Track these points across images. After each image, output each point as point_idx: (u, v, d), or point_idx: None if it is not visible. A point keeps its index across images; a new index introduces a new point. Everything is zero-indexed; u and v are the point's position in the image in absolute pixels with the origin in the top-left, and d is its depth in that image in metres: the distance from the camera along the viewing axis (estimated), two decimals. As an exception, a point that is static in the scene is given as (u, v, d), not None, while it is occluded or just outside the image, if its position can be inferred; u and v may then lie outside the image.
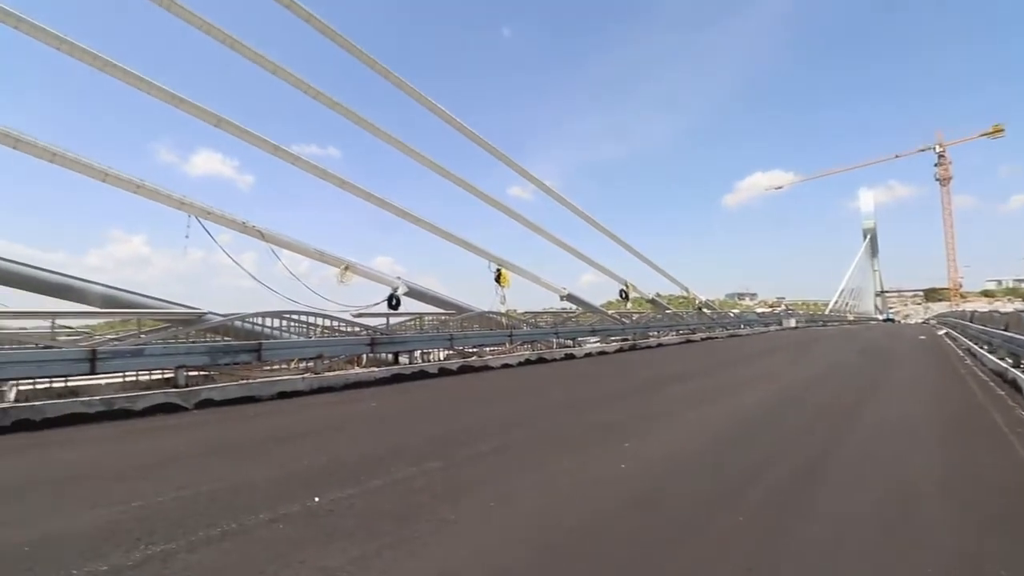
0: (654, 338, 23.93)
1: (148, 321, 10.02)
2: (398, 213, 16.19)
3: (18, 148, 9.75)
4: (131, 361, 8.37)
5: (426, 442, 5.94)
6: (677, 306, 38.58)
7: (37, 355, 7.51)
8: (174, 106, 11.86)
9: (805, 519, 3.57)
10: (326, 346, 11.00)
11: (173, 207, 11.24)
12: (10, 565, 2.93)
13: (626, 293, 25.60)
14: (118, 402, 7.61)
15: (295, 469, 4.85)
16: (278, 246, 12.94)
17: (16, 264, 9.20)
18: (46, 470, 5.24)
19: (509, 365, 14.35)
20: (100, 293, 9.69)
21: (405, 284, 14.91)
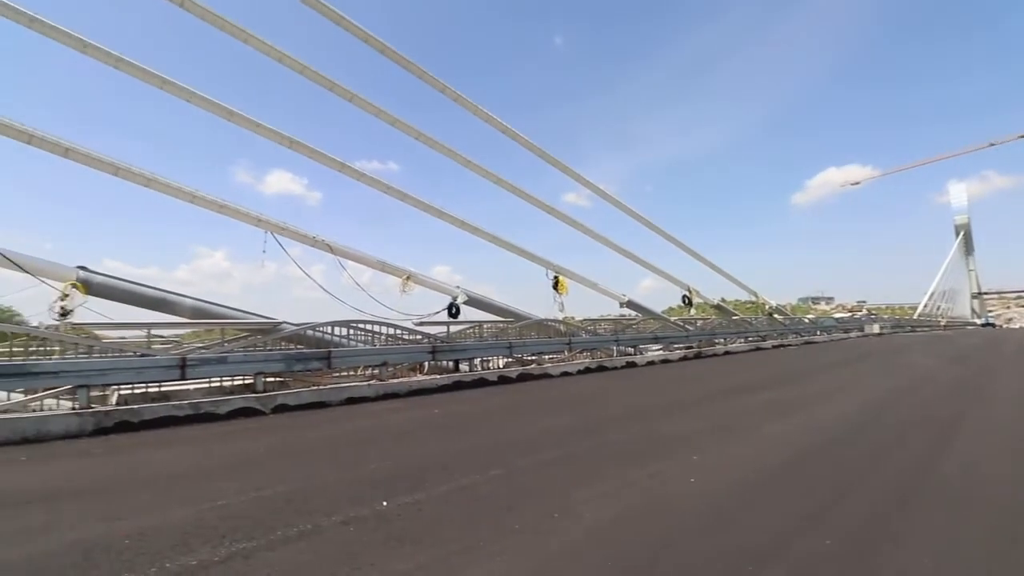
0: (720, 345, 22.90)
1: (230, 331, 10.77)
2: (456, 223, 16.52)
3: (118, 175, 10.84)
4: (216, 368, 9.01)
5: (488, 449, 5.96)
6: (745, 312, 36.79)
7: (135, 363, 8.25)
8: (251, 130, 12.78)
9: (900, 546, 3.25)
10: (390, 354, 11.34)
11: (251, 224, 12.07)
12: (113, 556, 3.19)
13: (689, 299, 24.70)
14: (204, 406, 8.21)
15: (365, 473, 5.00)
16: (344, 258, 13.54)
17: (118, 280, 10.19)
18: (144, 468, 5.70)
19: (568, 373, 14.19)
20: (189, 305, 10.54)
21: (464, 293, 15.15)
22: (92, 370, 7.77)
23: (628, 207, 22.79)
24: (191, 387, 9.26)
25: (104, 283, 9.80)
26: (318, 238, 12.90)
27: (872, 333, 43.43)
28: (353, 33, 13.85)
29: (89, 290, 9.45)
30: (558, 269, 18.37)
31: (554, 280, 18.09)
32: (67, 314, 8.98)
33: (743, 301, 47.91)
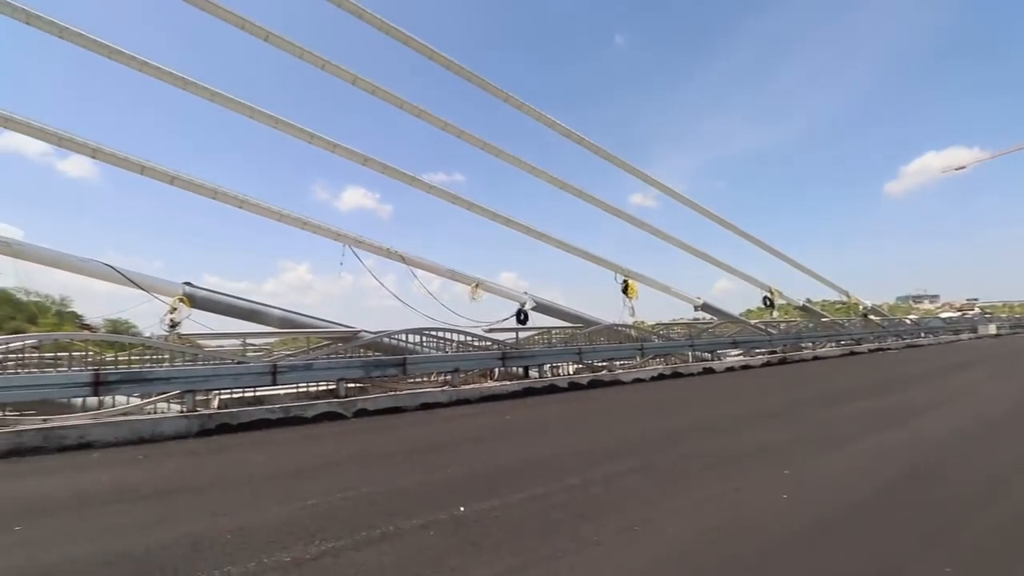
0: (808, 350, 21.32)
1: (314, 339, 11.45)
2: (522, 230, 16.63)
3: (216, 198, 11.90)
4: (303, 374, 9.61)
5: (561, 457, 5.88)
6: (834, 313, 34.10)
7: (233, 369, 8.97)
8: (329, 151, 13.61)
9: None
10: (461, 360, 11.56)
11: (331, 238, 12.82)
12: (218, 550, 3.45)
13: (770, 300, 23.22)
14: (293, 410, 8.76)
15: (441, 478, 5.10)
16: (417, 267, 14.02)
17: (217, 294, 11.17)
18: (242, 468, 6.16)
19: (641, 380, 13.78)
20: (278, 316, 11.36)
21: (532, 299, 15.18)
22: (197, 376, 8.55)
23: (699, 205, 21.93)
24: (281, 392, 9.92)
25: (206, 297, 10.79)
26: (392, 250, 13.46)
27: (987, 334, 38.66)
28: (421, 52, 14.39)
29: (194, 303, 10.44)
30: (627, 272, 17.95)
31: (623, 284, 17.69)
32: (176, 326, 9.97)
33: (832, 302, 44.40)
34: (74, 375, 7.76)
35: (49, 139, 10.84)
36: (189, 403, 8.31)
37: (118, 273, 10.12)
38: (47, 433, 7.04)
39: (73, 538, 3.78)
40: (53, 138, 10.65)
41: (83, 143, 10.84)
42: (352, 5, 13.09)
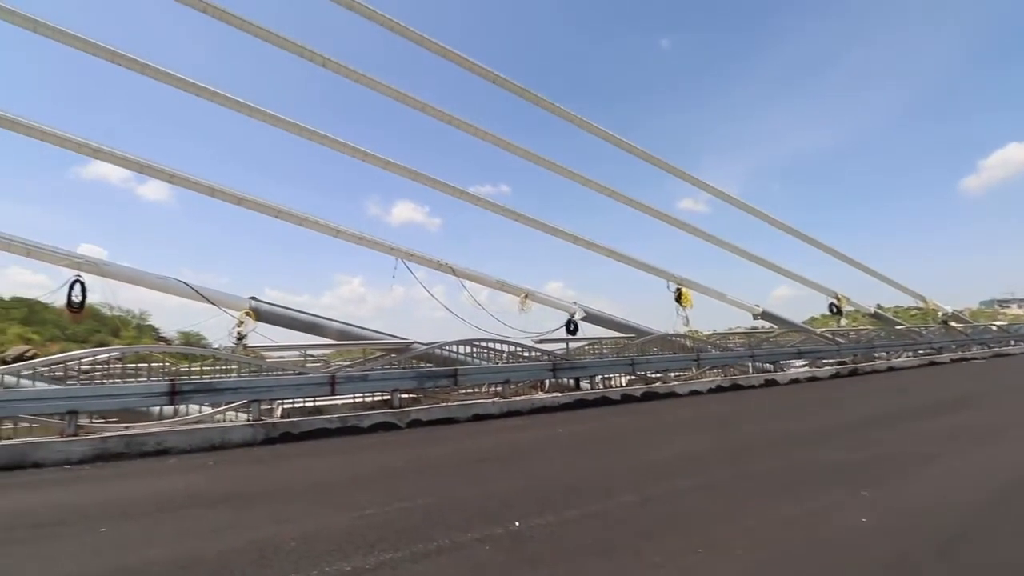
0: (882, 360, 19.89)
1: (369, 350, 11.79)
2: (569, 239, 16.51)
3: (279, 217, 12.54)
4: (359, 385, 9.89)
5: (617, 473, 5.72)
6: (909, 320, 31.73)
7: (295, 380, 9.35)
8: (381, 168, 14.08)
9: None
10: (512, 371, 11.55)
11: (384, 252, 13.21)
12: (283, 557, 3.55)
13: (837, 307, 21.87)
14: (351, 420, 9.02)
15: (495, 491, 5.06)
16: (466, 279, 14.19)
17: (280, 307, 11.73)
18: (304, 476, 6.36)
19: (698, 392, 13.27)
20: (336, 328, 11.78)
21: (582, 309, 15.00)
22: (262, 387, 8.96)
23: (754, 208, 21.05)
24: (339, 402, 10.24)
25: (270, 311, 11.35)
26: (442, 262, 13.70)
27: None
28: (465, 67, 14.68)
29: (259, 317, 11.01)
30: (680, 281, 17.43)
31: (676, 292, 17.18)
32: (243, 338, 10.53)
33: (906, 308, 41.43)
34: (153, 385, 8.32)
35: (132, 167, 11.80)
36: (255, 412, 8.71)
37: (192, 289, 10.83)
38: (129, 440, 7.56)
39: (152, 541, 4.00)
40: (135, 165, 11.58)
41: (161, 169, 11.72)
42: (399, 25, 13.55)
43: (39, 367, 8.51)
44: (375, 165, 13.72)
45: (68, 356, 8.77)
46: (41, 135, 10.71)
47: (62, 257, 10.28)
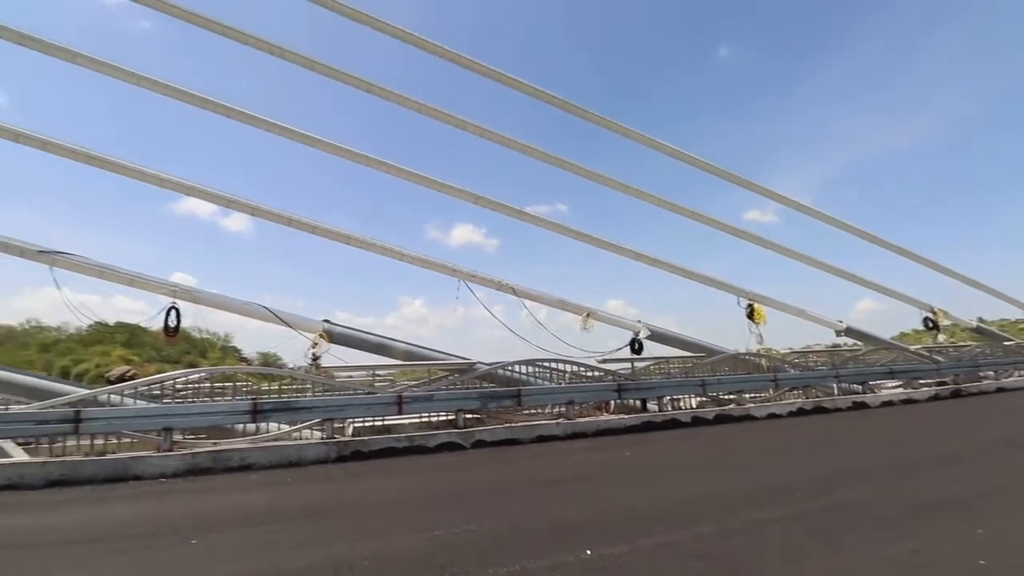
0: (990, 380, 17.80)
1: (434, 370, 12.01)
2: (631, 256, 16.16)
3: (349, 243, 13.19)
4: (425, 404, 10.07)
5: (692, 500, 5.40)
6: (1018, 335, 28.36)
7: (365, 399, 9.66)
8: (437, 191, 14.54)
9: None
10: (576, 392, 11.34)
11: (447, 274, 13.52)
12: (357, 575, 3.60)
13: (934, 322, 19.89)
14: (417, 439, 9.16)
15: (563, 516, 4.92)
16: (527, 299, 14.19)
17: (351, 329, 12.24)
18: (375, 494, 6.51)
19: (777, 415, 12.42)
20: (402, 349, 12.13)
21: (646, 327, 14.55)
22: (335, 406, 9.33)
23: (830, 217, 19.72)
24: (405, 421, 10.45)
25: (342, 332, 11.88)
26: (503, 282, 13.82)
27: None
28: (523, 91, 14.97)
29: (332, 338, 11.54)
30: (752, 296, 16.55)
31: (748, 309, 16.30)
32: (317, 359, 11.07)
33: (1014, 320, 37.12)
34: (237, 404, 8.88)
35: (219, 201, 12.89)
36: (328, 431, 9.05)
37: (271, 313, 11.55)
38: (216, 455, 8.07)
39: (237, 554, 4.20)
40: (222, 200, 12.64)
41: (245, 203, 12.71)
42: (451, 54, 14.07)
43: (140, 387, 9.34)
44: (435, 189, 14.17)
45: (164, 376, 9.56)
46: (141, 176, 11.96)
47: (160, 286, 11.31)
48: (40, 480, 7.17)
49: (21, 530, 5.26)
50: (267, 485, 7.14)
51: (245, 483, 7.31)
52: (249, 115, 12.80)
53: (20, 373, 11.11)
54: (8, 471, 7.24)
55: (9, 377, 10.22)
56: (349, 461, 8.52)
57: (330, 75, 13.26)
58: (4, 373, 10.41)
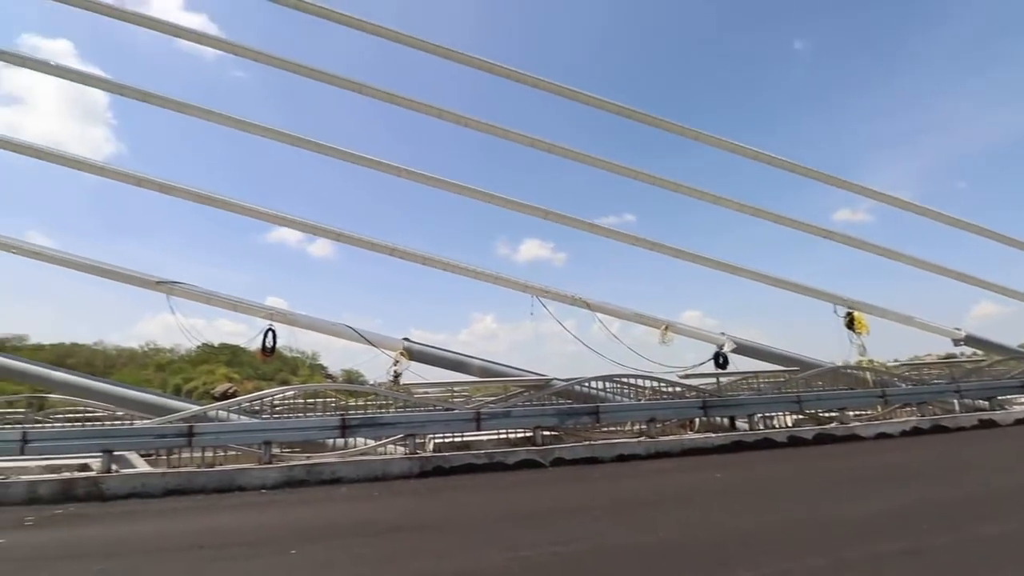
0: None
1: (510, 387, 12.04)
2: (710, 264, 15.40)
3: (426, 264, 13.66)
4: (502, 421, 10.09)
5: (799, 528, 4.94)
6: None
7: (445, 416, 9.86)
8: (509, 209, 14.73)
9: None
10: (657, 409, 10.88)
11: (519, 290, 13.59)
12: (446, 593, 3.60)
13: (1077, 328, 17.16)
14: (496, 456, 9.17)
15: (651, 540, 4.67)
16: (602, 313, 13.92)
17: (429, 347, 12.59)
18: (457, 510, 6.55)
19: (887, 435, 11.19)
20: (478, 365, 12.28)
21: (731, 340, 13.73)
22: (416, 422, 9.59)
23: (937, 212, 17.68)
24: (484, 437, 10.51)
25: (420, 350, 12.24)
26: (576, 296, 13.66)
27: None
28: (586, 103, 14.90)
29: (411, 356, 11.92)
30: (850, 303, 15.16)
31: (847, 317, 14.91)
32: (398, 376, 11.47)
33: None
34: (328, 419, 9.37)
35: (307, 229, 13.86)
36: (411, 446, 9.29)
37: (356, 333, 12.16)
38: (310, 468, 8.51)
39: (331, 566, 4.35)
40: (310, 228, 13.58)
41: (329, 229, 13.57)
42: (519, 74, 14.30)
43: (243, 403, 10.11)
44: (508, 208, 14.38)
45: (264, 394, 10.30)
46: (239, 209, 13.17)
47: (258, 309, 12.27)
48: (160, 489, 7.90)
49: (145, 536, 5.79)
50: (356, 499, 7.42)
51: (336, 496, 7.64)
52: (330, 147, 13.75)
53: (141, 391, 12.45)
54: (134, 480, 8.05)
55: (133, 395, 11.46)
56: (431, 476, 8.67)
57: (404, 104, 13.96)
58: (128, 391, 11.70)
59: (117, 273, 12.14)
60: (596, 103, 14.52)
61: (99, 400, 11.48)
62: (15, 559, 4.77)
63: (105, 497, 7.69)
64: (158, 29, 14.07)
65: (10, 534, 5.75)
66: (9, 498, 7.51)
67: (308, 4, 13.65)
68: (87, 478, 8.01)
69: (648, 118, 15.38)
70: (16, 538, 5.60)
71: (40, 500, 7.52)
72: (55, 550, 5.15)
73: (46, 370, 12.09)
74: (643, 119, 15.43)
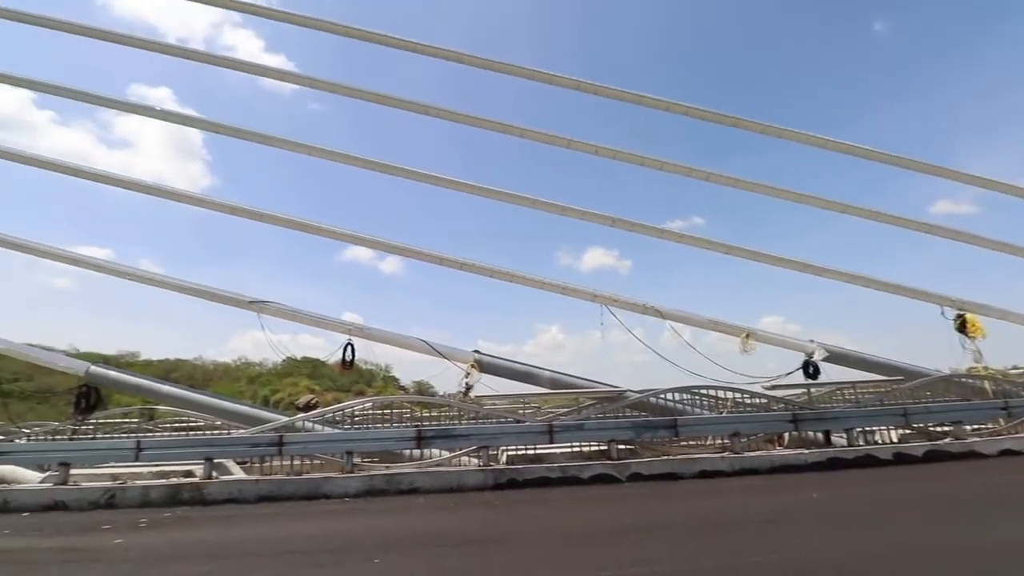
0: None
1: (581, 399, 11.81)
2: (795, 267, 14.39)
3: (493, 276, 13.82)
4: (575, 434, 9.89)
5: (908, 557, 4.39)
6: None
7: (517, 428, 9.82)
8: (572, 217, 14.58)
9: None
10: (741, 422, 10.22)
11: (587, 299, 13.38)
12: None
13: None
14: (570, 470, 8.97)
15: (744, 566, 4.32)
16: (675, 321, 13.38)
17: (499, 359, 12.65)
18: (533, 524, 6.45)
19: (1015, 452, 9.85)
20: (548, 377, 12.17)
21: (822, 347, 12.70)
22: (488, 434, 9.61)
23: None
24: (556, 451, 10.33)
25: (491, 362, 12.33)
26: (648, 305, 13.23)
27: None
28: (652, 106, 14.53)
29: (482, 368, 12.03)
30: (961, 304, 13.59)
31: (957, 320, 13.36)
32: (469, 388, 11.60)
33: None
34: (405, 431, 9.62)
35: (379, 247, 14.47)
36: (484, 458, 9.31)
37: (429, 346, 12.47)
38: (389, 478, 8.75)
39: None
40: (385, 246, 14.19)
41: (397, 246, 14.11)
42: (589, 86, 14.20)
43: (326, 414, 10.60)
44: (575, 217, 14.26)
45: (345, 405, 10.76)
46: (318, 231, 13.99)
47: (338, 324, 12.91)
48: (254, 495, 8.40)
49: (243, 540, 6.15)
50: (434, 509, 7.51)
51: (414, 506, 7.77)
52: (398, 167, 14.38)
53: (235, 402, 13.40)
54: (231, 487, 8.63)
55: (228, 406, 12.35)
56: (505, 489, 8.61)
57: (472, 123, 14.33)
58: (224, 403, 12.63)
59: (215, 294, 13.23)
60: (662, 106, 14.13)
61: (200, 411, 12.47)
62: (131, 560, 5.20)
63: (207, 502, 8.28)
64: (244, 70, 15.41)
65: (127, 535, 6.30)
66: (126, 501, 8.27)
67: (375, 34, 14.39)
68: (191, 484, 8.67)
69: (717, 116, 14.75)
70: (132, 539, 6.12)
71: (151, 503, 8.22)
72: (165, 551, 5.58)
73: (155, 384, 13.33)
74: (712, 118, 14.83)
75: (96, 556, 5.41)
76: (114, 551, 5.57)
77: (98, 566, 5.04)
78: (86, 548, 5.80)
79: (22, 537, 6.47)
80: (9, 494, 8.42)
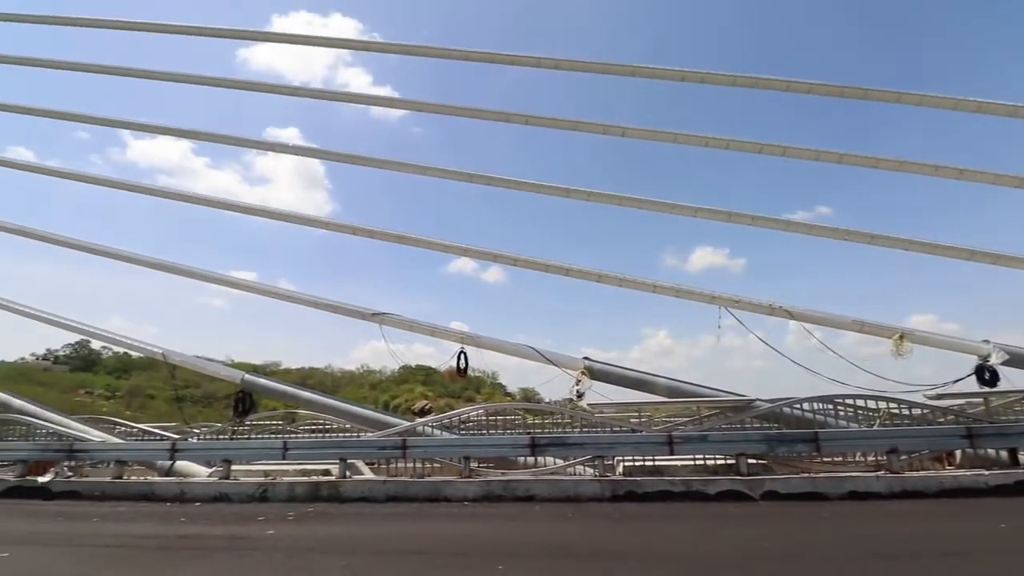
0: None
1: (701, 408, 11.05)
2: (957, 254, 12.23)
3: (600, 281, 13.49)
4: (698, 446, 9.23)
5: None
6: None
7: (634, 438, 9.44)
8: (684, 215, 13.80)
9: None
10: (900, 437, 8.84)
11: (705, 302, 12.50)
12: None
13: None
14: (694, 484, 8.39)
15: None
16: (808, 323, 12.05)
17: (611, 366, 12.28)
18: (656, 542, 6.09)
19: None
20: (665, 384, 11.53)
21: (1000, 349, 10.60)
22: (604, 443, 9.35)
23: None
24: (677, 463, 9.71)
25: (602, 369, 12.00)
26: (774, 305, 12.03)
27: None
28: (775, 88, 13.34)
29: (593, 375, 11.74)
30: None
31: None
32: (581, 396, 11.37)
33: None
34: (518, 438, 9.66)
35: (485, 257, 14.87)
36: (600, 468, 9.04)
37: (537, 353, 12.47)
38: (506, 484, 8.82)
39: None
40: (489, 256, 14.54)
41: (504, 255, 14.36)
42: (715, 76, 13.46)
43: (443, 419, 11.02)
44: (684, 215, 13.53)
45: (459, 412, 11.10)
46: (427, 244, 14.73)
47: (451, 333, 13.40)
48: (382, 494, 8.92)
49: (376, 537, 6.54)
50: (551, 518, 7.40)
51: (531, 513, 7.74)
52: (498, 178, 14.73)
53: (362, 407, 14.43)
54: (362, 486, 9.25)
55: (356, 411, 13.32)
56: (623, 501, 8.26)
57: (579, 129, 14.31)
58: (353, 407, 13.65)
59: (342, 308, 14.42)
60: (780, 86, 12.90)
61: (333, 415, 13.60)
62: (282, 549, 5.73)
63: (343, 499, 8.95)
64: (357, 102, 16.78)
65: (277, 526, 6.97)
66: (276, 495, 9.21)
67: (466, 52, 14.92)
68: (329, 482, 9.44)
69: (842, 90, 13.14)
70: (281, 530, 6.75)
71: (296, 499, 9.06)
72: (309, 543, 6.08)
73: (295, 390, 14.83)
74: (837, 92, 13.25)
75: (254, 544, 6.05)
76: (267, 540, 6.18)
77: (256, 554, 5.62)
78: (245, 536, 6.52)
79: (195, 525, 7.44)
80: (186, 486, 9.79)
